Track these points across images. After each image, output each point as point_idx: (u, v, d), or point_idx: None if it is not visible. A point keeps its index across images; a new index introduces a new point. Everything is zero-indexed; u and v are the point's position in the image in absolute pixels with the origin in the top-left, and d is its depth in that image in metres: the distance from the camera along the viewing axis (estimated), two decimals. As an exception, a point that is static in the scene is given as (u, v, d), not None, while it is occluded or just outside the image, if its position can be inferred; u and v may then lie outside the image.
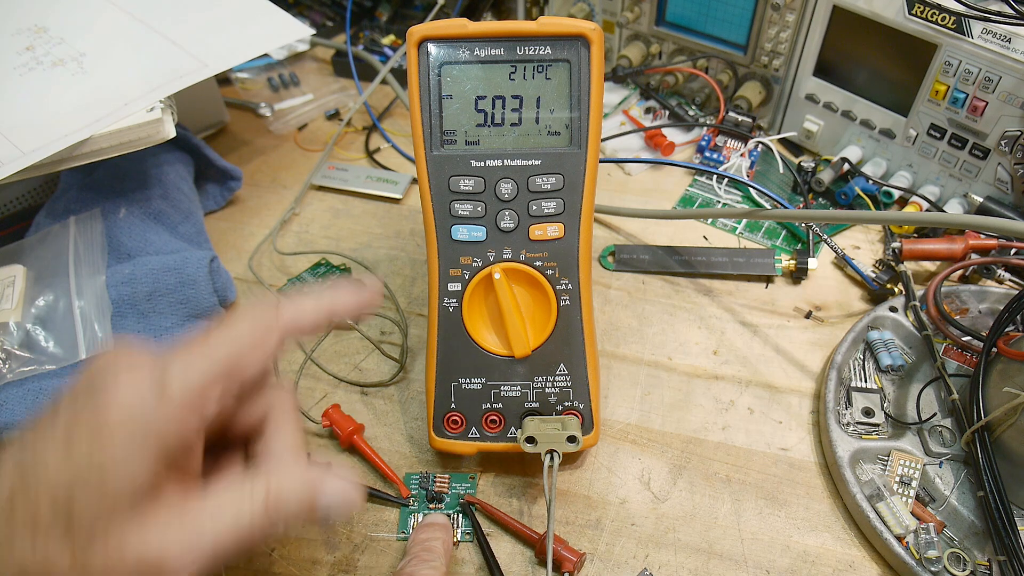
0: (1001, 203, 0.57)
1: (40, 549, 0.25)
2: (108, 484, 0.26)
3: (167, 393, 0.27)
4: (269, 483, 0.28)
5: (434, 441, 0.44)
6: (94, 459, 0.26)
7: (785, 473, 0.46)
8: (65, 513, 0.25)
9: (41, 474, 0.25)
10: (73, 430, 0.26)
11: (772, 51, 0.66)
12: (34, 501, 0.25)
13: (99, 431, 0.26)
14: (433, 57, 0.40)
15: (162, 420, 0.27)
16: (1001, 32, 0.51)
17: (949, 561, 0.41)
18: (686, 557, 0.42)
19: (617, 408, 0.50)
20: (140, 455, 0.26)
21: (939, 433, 0.46)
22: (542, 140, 0.41)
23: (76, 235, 0.55)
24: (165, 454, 0.27)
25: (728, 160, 0.67)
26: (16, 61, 0.57)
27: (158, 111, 0.52)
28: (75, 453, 0.26)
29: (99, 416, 0.26)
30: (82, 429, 0.26)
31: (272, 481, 0.28)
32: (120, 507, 0.26)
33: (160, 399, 0.27)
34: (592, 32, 0.39)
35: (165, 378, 0.28)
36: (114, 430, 0.26)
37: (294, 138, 0.75)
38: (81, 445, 0.26)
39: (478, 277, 0.42)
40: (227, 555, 0.27)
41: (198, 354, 0.29)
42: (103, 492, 0.26)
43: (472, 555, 0.43)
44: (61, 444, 0.26)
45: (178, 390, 0.28)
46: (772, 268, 0.58)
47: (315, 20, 0.91)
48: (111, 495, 0.26)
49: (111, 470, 0.26)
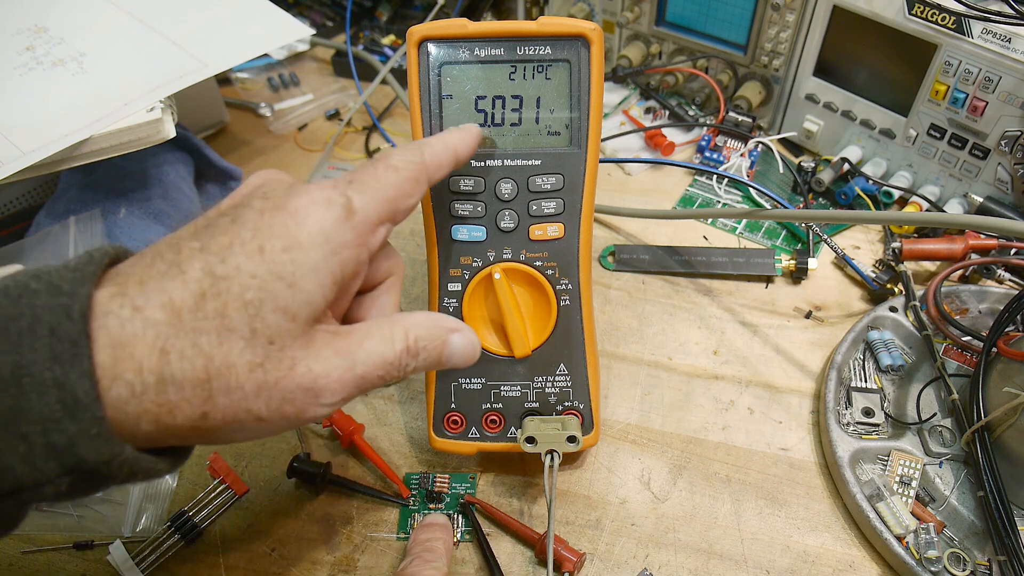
0: (1001, 203, 0.57)
1: (224, 350, 0.25)
2: (295, 299, 0.26)
3: (353, 218, 0.28)
4: (407, 330, 0.30)
5: (434, 441, 0.44)
6: (286, 270, 0.26)
7: (785, 473, 0.46)
8: (251, 320, 0.26)
9: (233, 279, 0.26)
10: (266, 240, 0.26)
11: (772, 51, 0.66)
12: (224, 303, 0.25)
13: (294, 245, 0.27)
14: (433, 57, 0.40)
15: (347, 244, 0.28)
16: (1001, 32, 0.51)
17: (949, 561, 0.41)
18: (686, 557, 0.42)
19: (617, 408, 0.50)
20: (326, 274, 0.27)
21: (939, 433, 0.46)
22: (542, 140, 0.41)
23: (76, 235, 0.55)
24: (341, 278, 0.28)
25: (728, 160, 0.67)
26: (16, 61, 0.57)
27: (158, 111, 0.52)
28: (269, 263, 0.26)
29: (293, 230, 0.27)
30: (276, 241, 0.26)
31: (411, 328, 0.31)
32: (299, 324, 0.27)
33: (346, 222, 0.28)
34: (592, 32, 0.39)
35: (351, 203, 0.29)
36: (307, 246, 0.27)
37: (294, 138, 0.75)
38: (275, 255, 0.26)
39: (478, 277, 0.42)
40: (367, 389, 0.29)
41: (373, 187, 0.30)
42: (288, 306, 0.26)
43: (472, 555, 0.43)
44: (255, 252, 0.26)
45: (361, 217, 0.29)
46: (772, 268, 0.58)
47: (315, 20, 0.91)
48: (294, 311, 0.27)
49: (300, 286, 0.27)
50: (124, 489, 0.45)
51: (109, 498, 0.45)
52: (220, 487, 0.45)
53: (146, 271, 0.26)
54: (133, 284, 0.25)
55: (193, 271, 0.25)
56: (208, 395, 0.25)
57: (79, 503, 0.45)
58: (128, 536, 0.44)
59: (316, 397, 0.27)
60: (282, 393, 0.26)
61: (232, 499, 0.45)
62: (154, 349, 0.24)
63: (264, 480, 0.47)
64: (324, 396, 0.28)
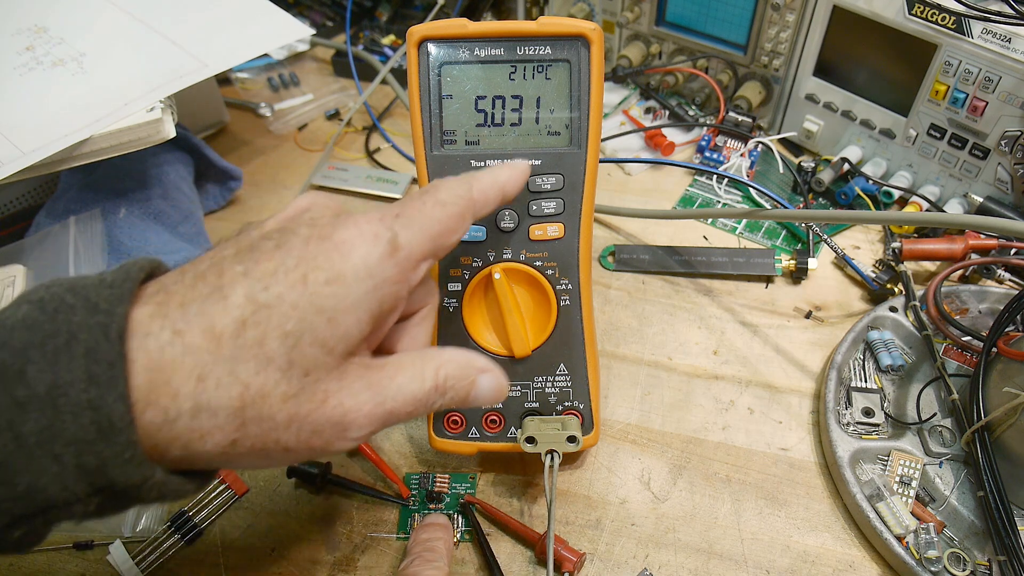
0: (1001, 203, 0.57)
1: (261, 379, 0.25)
2: (334, 333, 0.26)
3: (398, 254, 0.28)
4: (439, 368, 0.30)
5: (434, 441, 0.44)
6: (327, 304, 0.26)
7: (785, 473, 0.46)
8: (290, 351, 0.25)
9: (275, 308, 0.25)
10: (311, 271, 0.26)
11: (772, 51, 0.66)
12: (264, 332, 0.25)
13: (338, 278, 0.26)
14: (433, 57, 0.40)
15: (389, 280, 0.28)
16: (1001, 32, 0.51)
17: (949, 561, 0.41)
18: (686, 557, 0.42)
19: (617, 408, 0.50)
20: (365, 310, 0.27)
21: (939, 433, 0.46)
22: (542, 140, 0.41)
23: (76, 235, 0.55)
24: (379, 313, 0.28)
25: (728, 160, 0.67)
26: (16, 61, 0.57)
27: (158, 111, 0.52)
28: (312, 295, 0.26)
29: (338, 263, 0.27)
30: (320, 273, 0.26)
31: (442, 366, 0.30)
32: (335, 358, 0.27)
33: (391, 258, 0.28)
34: (592, 32, 0.39)
35: (396, 239, 0.28)
36: (350, 280, 0.27)
37: (294, 138, 0.75)
38: (318, 287, 0.26)
39: (478, 277, 0.42)
40: (394, 423, 0.29)
41: (420, 223, 0.30)
42: (327, 340, 0.26)
43: (472, 555, 0.43)
44: (298, 282, 0.26)
45: (405, 253, 0.29)
46: (772, 268, 0.58)
47: (315, 20, 0.91)
48: (331, 345, 0.26)
49: (340, 320, 0.26)
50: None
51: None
52: (220, 487, 0.45)
53: (188, 292, 0.25)
54: (175, 306, 0.25)
55: (236, 296, 0.25)
56: (241, 423, 0.25)
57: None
58: (128, 536, 0.44)
59: (344, 431, 0.27)
60: (312, 425, 0.26)
61: (232, 499, 0.45)
62: (192, 375, 0.24)
63: (264, 480, 0.47)
64: (352, 430, 0.28)
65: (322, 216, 0.29)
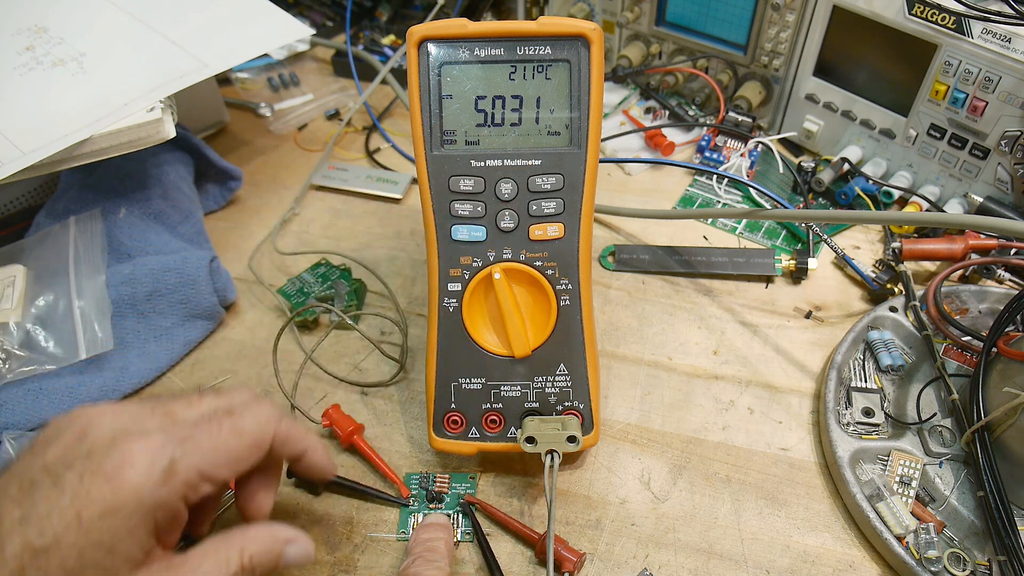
0: (1001, 203, 0.57)
1: None
2: (115, 561, 0.28)
3: (174, 478, 0.29)
4: (243, 549, 0.32)
5: (434, 441, 0.44)
6: (104, 538, 0.28)
7: (785, 473, 0.46)
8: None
9: (53, 551, 0.27)
10: (84, 507, 0.27)
11: (772, 51, 0.66)
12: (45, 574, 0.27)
13: (111, 511, 0.28)
14: (433, 57, 0.40)
15: (162, 504, 0.29)
16: (1001, 32, 0.51)
17: (949, 561, 0.41)
18: (686, 557, 0.42)
19: (617, 408, 0.50)
20: (143, 531, 0.29)
21: (939, 433, 0.46)
22: (542, 140, 0.41)
23: (76, 235, 0.55)
24: (158, 527, 0.30)
25: (728, 160, 0.67)
26: (16, 61, 0.57)
27: (158, 111, 0.52)
28: (87, 531, 0.27)
29: (109, 497, 0.28)
30: (93, 507, 0.27)
31: (246, 547, 0.32)
32: None
33: (164, 485, 0.29)
34: (592, 32, 0.39)
35: (175, 465, 0.30)
36: (123, 512, 0.28)
37: (294, 138, 0.75)
38: (93, 522, 0.27)
39: (478, 277, 0.42)
40: None
41: (208, 450, 0.31)
42: (110, 566, 0.28)
43: (472, 555, 0.43)
44: (73, 522, 0.27)
45: (183, 475, 0.30)
46: (772, 268, 0.58)
47: (315, 20, 0.91)
48: (115, 568, 0.28)
49: (120, 546, 0.28)
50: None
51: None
52: (220, 487, 0.45)
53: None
54: None
55: (12, 546, 0.27)
56: None
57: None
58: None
59: None
60: None
61: (232, 499, 0.45)
62: None
63: (264, 480, 0.47)
64: None
65: (99, 442, 0.30)
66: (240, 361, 0.54)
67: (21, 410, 0.47)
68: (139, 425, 0.31)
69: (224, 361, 0.54)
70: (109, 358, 0.50)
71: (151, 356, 0.52)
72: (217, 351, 0.54)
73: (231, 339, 0.55)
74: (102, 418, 0.31)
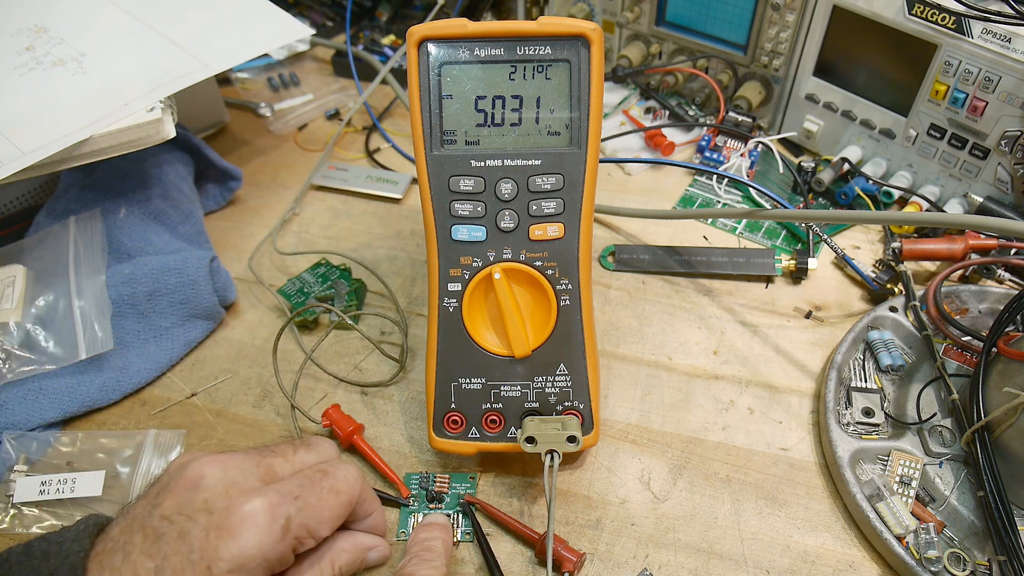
0: (1001, 203, 0.57)
1: None
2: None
3: (288, 535, 0.33)
4: (333, 561, 0.37)
5: (434, 441, 0.44)
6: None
7: (785, 473, 0.46)
8: None
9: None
10: (214, 563, 0.30)
11: (772, 51, 0.66)
12: None
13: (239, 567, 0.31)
14: (433, 57, 0.40)
15: (280, 556, 0.33)
16: (1001, 32, 0.51)
17: (949, 561, 0.41)
18: (686, 557, 0.42)
19: (617, 408, 0.50)
20: None
21: (939, 433, 0.46)
22: (542, 140, 0.41)
23: (76, 235, 0.55)
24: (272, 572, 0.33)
25: (728, 160, 0.67)
26: (16, 61, 0.57)
27: (158, 111, 0.52)
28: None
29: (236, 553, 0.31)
30: (223, 564, 0.31)
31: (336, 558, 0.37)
32: None
33: (282, 540, 0.33)
34: (592, 32, 0.39)
35: (289, 523, 0.33)
36: (250, 564, 0.31)
37: (294, 138, 0.75)
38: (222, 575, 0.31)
39: (478, 277, 0.42)
40: None
41: (315, 509, 0.34)
42: None
43: (472, 555, 0.43)
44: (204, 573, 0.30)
45: (295, 532, 0.33)
46: (772, 268, 0.58)
47: (315, 20, 0.91)
48: None
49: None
50: (124, 489, 0.45)
51: (109, 498, 0.45)
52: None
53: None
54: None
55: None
56: None
57: (78, 503, 0.45)
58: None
59: None
60: None
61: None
62: None
63: (264, 480, 0.47)
64: None
65: (214, 495, 0.33)
66: (240, 361, 0.54)
67: (21, 410, 0.47)
68: (247, 480, 0.34)
69: (224, 361, 0.54)
70: (109, 358, 0.50)
71: (151, 356, 0.52)
72: (217, 351, 0.54)
73: (231, 339, 0.55)
74: (211, 468, 0.34)
